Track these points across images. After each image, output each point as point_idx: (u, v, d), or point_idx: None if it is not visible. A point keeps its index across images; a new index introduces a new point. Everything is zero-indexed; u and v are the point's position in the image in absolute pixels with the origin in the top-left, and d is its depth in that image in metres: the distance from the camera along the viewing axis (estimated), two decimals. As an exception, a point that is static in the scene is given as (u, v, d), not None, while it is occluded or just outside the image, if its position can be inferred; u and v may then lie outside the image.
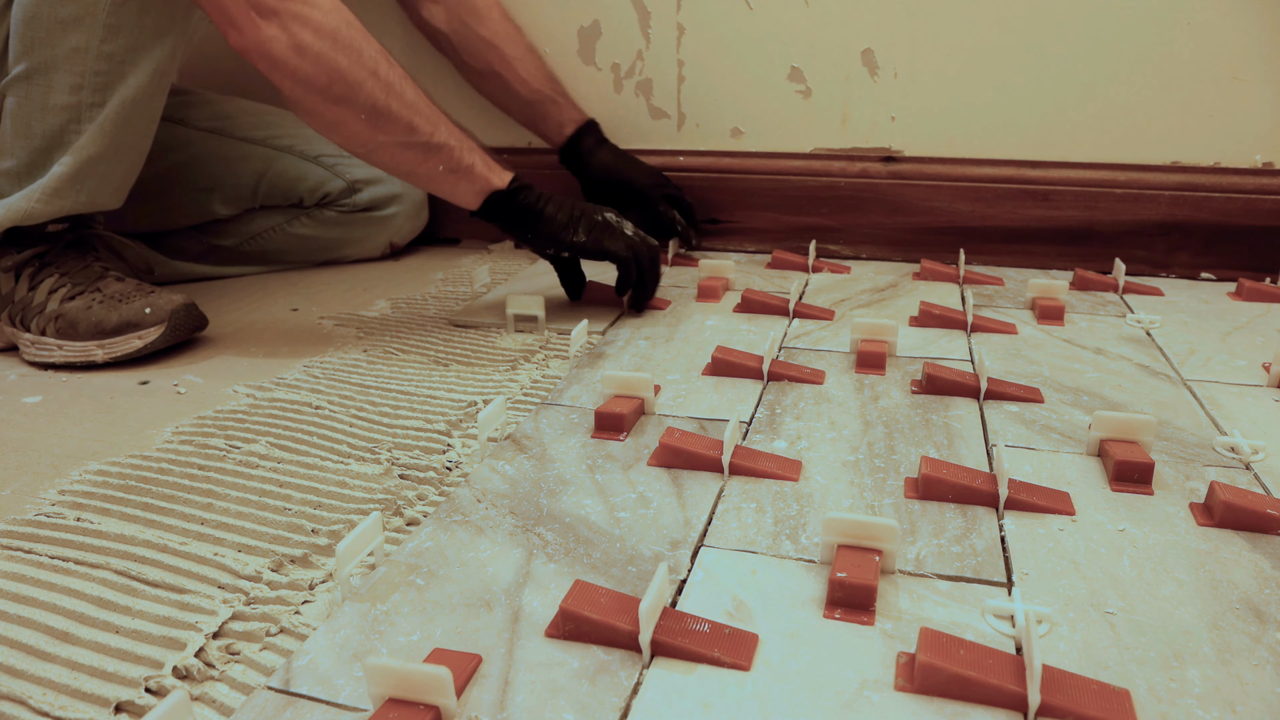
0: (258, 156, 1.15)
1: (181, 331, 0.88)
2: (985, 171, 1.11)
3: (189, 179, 1.13)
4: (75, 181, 0.86)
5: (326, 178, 1.17)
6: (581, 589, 0.46)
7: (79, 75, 0.83)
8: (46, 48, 0.82)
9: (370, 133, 0.82)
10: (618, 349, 0.86)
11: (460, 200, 0.89)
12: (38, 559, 0.55)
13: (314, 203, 1.17)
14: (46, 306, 0.87)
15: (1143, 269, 1.08)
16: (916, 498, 0.58)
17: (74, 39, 0.82)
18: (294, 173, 1.16)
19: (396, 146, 0.84)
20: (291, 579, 0.53)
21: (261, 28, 0.76)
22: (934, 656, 0.41)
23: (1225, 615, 0.46)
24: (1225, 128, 1.02)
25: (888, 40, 1.09)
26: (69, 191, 0.86)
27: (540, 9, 1.19)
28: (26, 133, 0.85)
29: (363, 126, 0.82)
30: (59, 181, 0.85)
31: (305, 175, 1.16)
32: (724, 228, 1.22)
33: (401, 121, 0.82)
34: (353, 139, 0.83)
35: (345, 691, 0.42)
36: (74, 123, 0.84)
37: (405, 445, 0.69)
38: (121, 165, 0.89)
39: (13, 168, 0.86)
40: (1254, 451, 0.63)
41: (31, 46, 0.82)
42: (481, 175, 0.88)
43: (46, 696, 0.44)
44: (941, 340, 0.86)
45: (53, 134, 0.84)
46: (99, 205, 0.89)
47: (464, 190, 0.88)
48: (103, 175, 0.87)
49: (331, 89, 0.79)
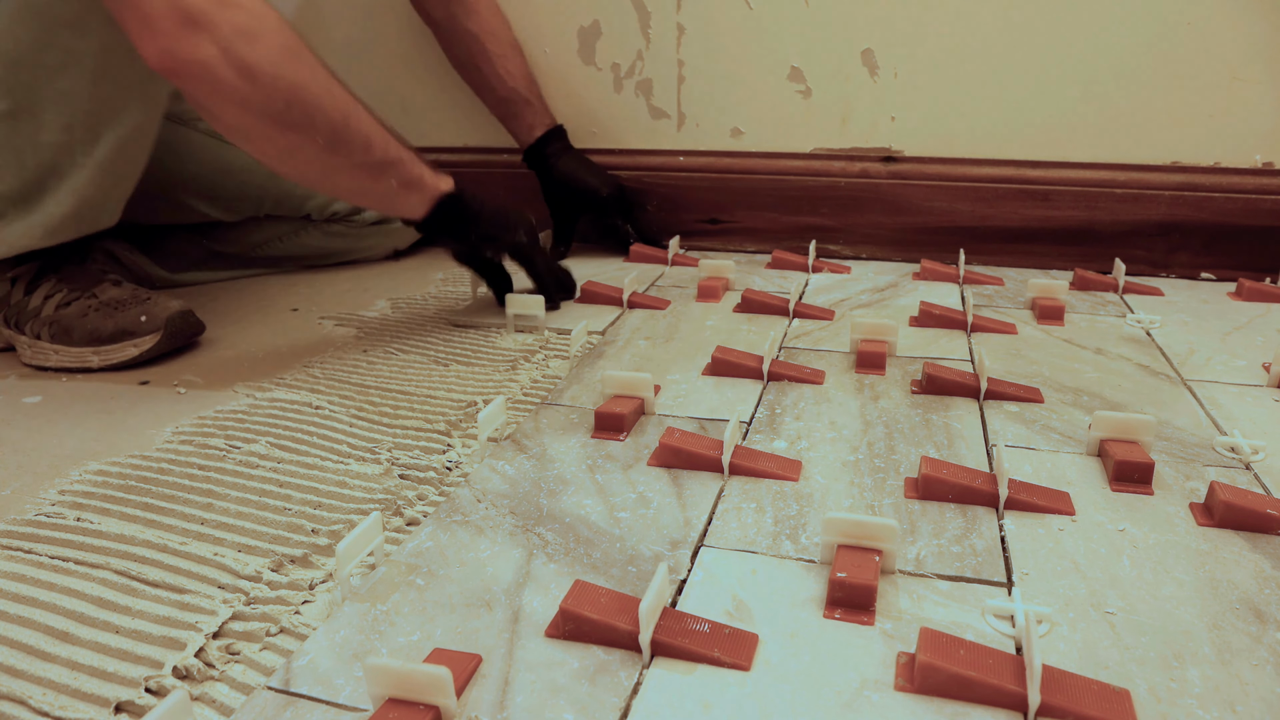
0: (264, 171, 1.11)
1: (178, 339, 0.88)
2: (985, 171, 1.11)
3: (190, 185, 1.10)
4: (74, 219, 0.85)
5: None
6: (581, 589, 0.46)
7: (69, 115, 0.80)
8: (31, 90, 0.78)
9: (326, 157, 0.74)
10: (618, 349, 0.86)
11: (407, 212, 0.85)
12: (38, 559, 0.55)
13: (322, 218, 1.16)
14: (42, 311, 0.87)
15: (1143, 269, 1.08)
16: (916, 498, 0.58)
17: (62, 83, 0.78)
18: (302, 190, 1.13)
19: (352, 168, 0.76)
20: (291, 579, 0.53)
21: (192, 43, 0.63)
22: (934, 656, 0.41)
23: (1225, 615, 0.46)
24: (1225, 128, 1.02)
25: (888, 40, 1.09)
26: (69, 228, 0.85)
27: (540, 9, 1.19)
28: (19, 163, 0.82)
29: (318, 152, 0.73)
30: (58, 221, 0.84)
31: (313, 193, 1.13)
32: (724, 228, 1.22)
33: (359, 140, 0.75)
34: (306, 166, 0.75)
35: (345, 691, 0.42)
36: (67, 156, 0.82)
37: (405, 445, 0.69)
38: (118, 189, 0.88)
39: (8, 191, 0.83)
40: (1254, 451, 0.63)
41: (14, 88, 0.78)
42: (430, 183, 0.84)
43: (46, 696, 0.44)
44: (941, 340, 0.86)
45: (46, 167, 0.82)
46: (98, 227, 0.89)
47: (414, 201, 0.83)
48: (100, 205, 0.86)
49: (288, 113, 0.69)
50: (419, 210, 0.85)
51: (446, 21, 1.14)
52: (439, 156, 1.27)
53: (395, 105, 1.29)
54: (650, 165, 1.22)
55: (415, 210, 0.85)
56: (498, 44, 1.14)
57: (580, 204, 1.17)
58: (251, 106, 0.68)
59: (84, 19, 0.78)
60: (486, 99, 1.18)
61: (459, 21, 1.13)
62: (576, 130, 1.23)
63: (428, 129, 1.29)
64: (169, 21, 0.63)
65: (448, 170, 0.88)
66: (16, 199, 0.84)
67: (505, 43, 1.15)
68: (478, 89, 1.18)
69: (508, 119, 1.18)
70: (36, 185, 0.83)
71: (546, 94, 1.19)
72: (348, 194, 0.82)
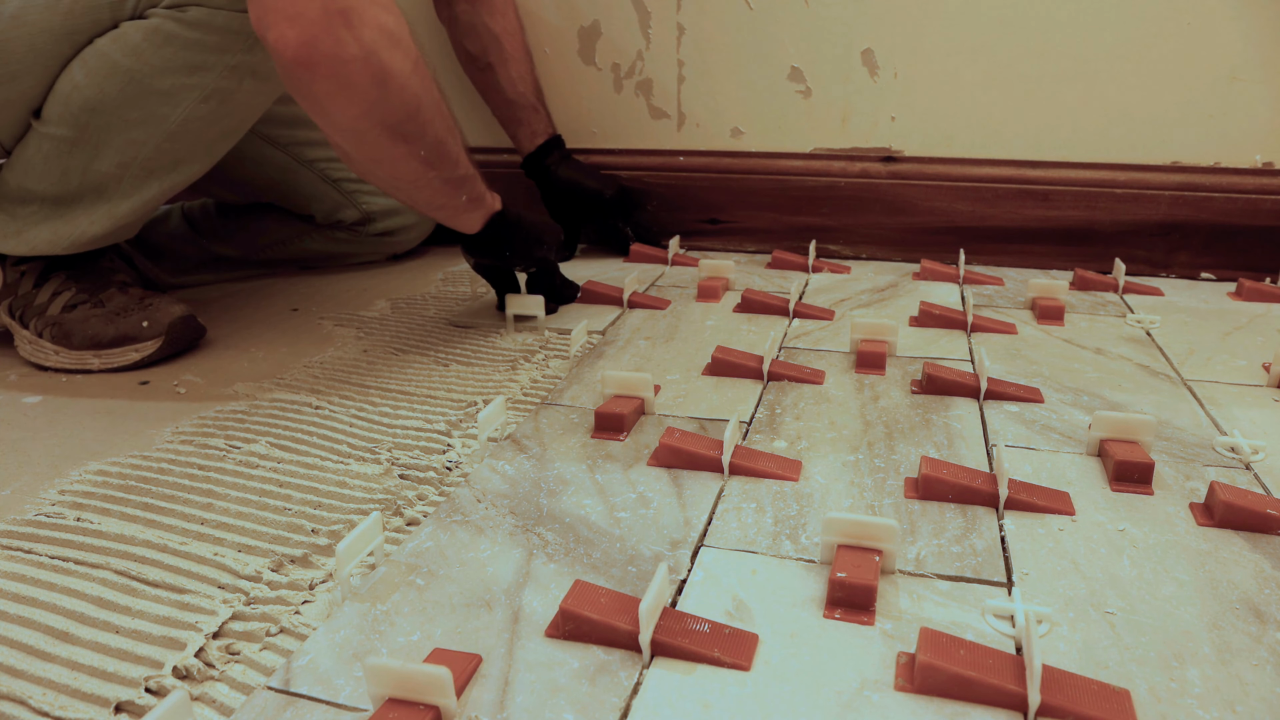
0: (276, 164, 1.10)
1: (179, 344, 0.88)
2: (985, 171, 1.11)
3: None
4: (103, 238, 0.86)
5: (342, 203, 1.14)
6: (581, 589, 0.46)
7: (129, 158, 0.81)
8: (101, 132, 0.79)
9: (422, 170, 0.72)
10: (618, 349, 0.86)
11: (465, 227, 0.84)
12: (38, 559, 0.55)
13: (326, 224, 1.15)
14: (47, 310, 0.87)
15: (1143, 269, 1.08)
16: (916, 498, 0.58)
17: (134, 134, 0.80)
18: (310, 190, 1.12)
19: (441, 183, 0.75)
20: (291, 579, 0.53)
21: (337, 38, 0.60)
22: (934, 656, 0.41)
23: (1225, 615, 0.46)
24: (1225, 128, 1.02)
25: (888, 40, 1.09)
26: (94, 244, 0.86)
27: (540, 9, 1.19)
28: (63, 177, 0.82)
29: (418, 165, 0.70)
30: (87, 239, 0.85)
31: (323, 197, 1.13)
32: (724, 228, 1.22)
33: (451, 156, 0.74)
34: (399, 176, 0.72)
35: (345, 691, 0.42)
36: (116, 185, 0.83)
37: (405, 445, 0.69)
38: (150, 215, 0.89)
39: (44, 193, 0.83)
40: (1254, 451, 0.63)
41: (84, 126, 0.78)
42: (489, 202, 0.84)
43: (46, 696, 0.44)
44: (941, 340, 0.86)
45: (90, 187, 0.83)
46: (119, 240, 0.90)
47: (475, 218, 0.83)
48: (130, 228, 0.88)
49: (405, 125, 0.67)
50: (476, 226, 0.84)
51: (468, 16, 1.11)
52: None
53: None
54: (650, 165, 1.22)
55: (473, 226, 0.84)
56: (515, 46, 1.12)
57: (585, 209, 1.17)
58: (375, 113, 0.65)
59: (178, 94, 0.78)
60: (493, 99, 1.16)
61: (482, 18, 1.11)
62: (577, 130, 1.23)
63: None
64: (319, 12, 0.60)
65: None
66: (52, 202, 0.84)
67: (521, 46, 1.13)
68: (485, 89, 1.15)
69: (511, 123, 1.16)
70: (74, 198, 0.83)
71: (547, 93, 1.18)
72: (424, 205, 0.79)
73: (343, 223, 1.15)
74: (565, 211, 1.17)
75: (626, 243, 1.20)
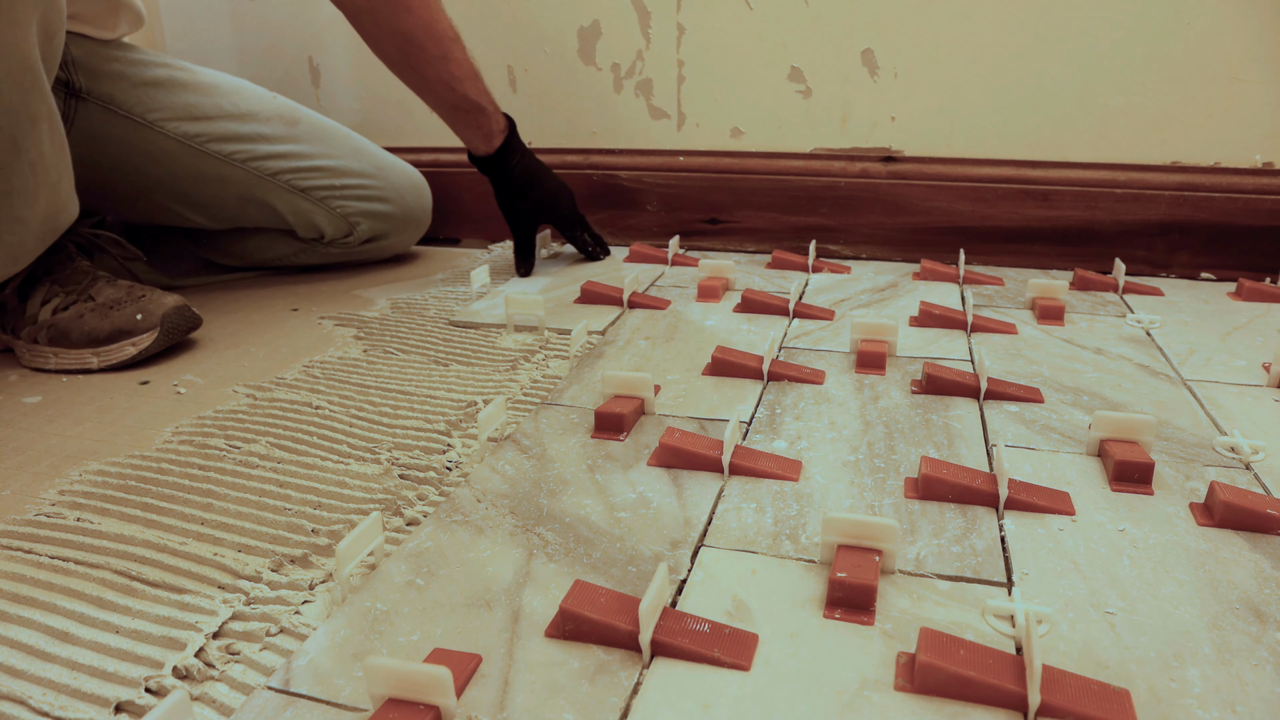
0: (238, 182, 1.04)
1: (175, 334, 0.88)
2: (985, 171, 1.11)
3: (163, 188, 1.04)
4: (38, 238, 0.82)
5: (316, 212, 1.09)
6: (581, 589, 0.46)
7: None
8: None
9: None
10: (618, 349, 0.86)
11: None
12: (38, 559, 0.55)
13: (309, 239, 1.12)
14: (38, 317, 0.86)
15: (1143, 269, 1.08)
16: (916, 498, 0.58)
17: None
18: (283, 205, 1.08)
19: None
20: (291, 579, 0.53)
21: None
22: (934, 656, 0.41)
23: (1225, 615, 0.46)
24: (1225, 128, 1.02)
25: (888, 40, 1.09)
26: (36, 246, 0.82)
27: (540, 9, 1.19)
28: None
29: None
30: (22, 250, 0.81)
31: (296, 209, 1.08)
32: (724, 227, 1.22)
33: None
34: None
35: (345, 691, 0.42)
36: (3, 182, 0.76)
37: (405, 445, 0.69)
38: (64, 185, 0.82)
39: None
40: (1254, 451, 0.63)
41: None
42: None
43: (46, 696, 0.44)
44: (941, 340, 0.86)
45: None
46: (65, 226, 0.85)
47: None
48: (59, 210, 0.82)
49: None
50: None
51: (368, 15, 0.94)
52: (437, 156, 1.27)
53: (393, 105, 1.29)
54: (650, 165, 1.22)
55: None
56: (438, 43, 0.95)
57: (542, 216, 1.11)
58: None
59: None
60: (430, 103, 1.01)
61: (383, 19, 0.93)
62: (577, 130, 1.23)
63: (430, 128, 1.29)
64: None
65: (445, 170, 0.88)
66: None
67: (447, 39, 0.95)
68: (419, 93, 1.00)
69: (459, 126, 1.02)
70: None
71: (547, 94, 1.18)
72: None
73: (325, 237, 1.12)
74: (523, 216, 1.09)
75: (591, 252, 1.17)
